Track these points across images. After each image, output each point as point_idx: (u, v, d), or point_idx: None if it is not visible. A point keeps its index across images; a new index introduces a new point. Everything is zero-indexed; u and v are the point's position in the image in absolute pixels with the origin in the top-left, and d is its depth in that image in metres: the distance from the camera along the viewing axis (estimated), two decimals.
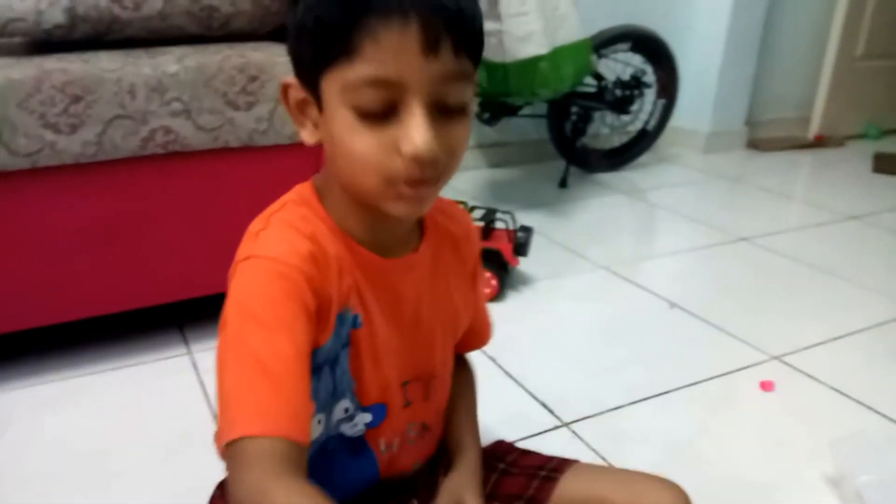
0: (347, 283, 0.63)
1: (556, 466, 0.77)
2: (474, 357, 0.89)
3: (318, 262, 0.60)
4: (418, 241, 0.70)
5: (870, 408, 1.23)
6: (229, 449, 0.53)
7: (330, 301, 0.62)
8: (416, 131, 0.55)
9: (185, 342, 1.35)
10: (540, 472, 0.77)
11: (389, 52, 0.53)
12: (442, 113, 0.57)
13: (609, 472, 0.88)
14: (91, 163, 1.14)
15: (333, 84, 0.56)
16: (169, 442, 1.07)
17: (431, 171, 0.57)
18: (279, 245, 0.60)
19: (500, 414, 1.09)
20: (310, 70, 0.58)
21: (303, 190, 0.67)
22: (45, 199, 1.14)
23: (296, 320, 0.57)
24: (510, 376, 1.30)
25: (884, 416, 1.21)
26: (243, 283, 0.59)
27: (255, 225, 0.64)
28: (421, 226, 0.71)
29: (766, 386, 1.28)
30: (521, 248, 1.62)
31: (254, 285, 0.58)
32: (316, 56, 0.57)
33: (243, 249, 0.62)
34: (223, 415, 0.55)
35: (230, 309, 0.59)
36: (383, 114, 0.55)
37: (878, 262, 1.91)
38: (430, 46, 0.54)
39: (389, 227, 0.66)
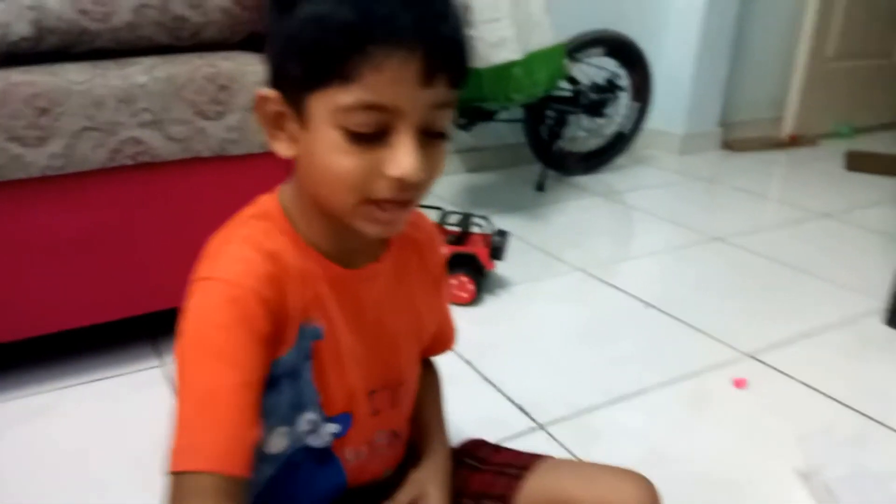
0: (310, 296, 0.64)
1: (524, 463, 0.78)
2: (450, 362, 0.90)
3: (277, 280, 0.61)
4: (381, 250, 0.71)
5: (842, 403, 1.25)
6: (172, 478, 0.55)
7: (290, 316, 0.62)
8: (405, 156, 0.56)
9: (158, 354, 1.34)
10: (509, 469, 0.78)
11: (388, 80, 0.54)
12: (425, 136, 0.58)
13: (577, 467, 0.88)
14: (59, 175, 1.14)
15: (324, 104, 0.56)
16: (142, 454, 1.06)
17: (412, 193, 0.59)
18: (235, 266, 0.60)
19: (477, 417, 1.10)
20: (296, 87, 0.58)
21: (267, 203, 0.67)
22: (13, 212, 1.13)
23: (244, 349, 0.58)
24: (487, 380, 1.31)
25: (855, 410, 1.23)
26: (196, 307, 0.60)
27: (214, 241, 0.64)
28: None
29: (739, 383, 1.30)
30: (497, 252, 1.63)
31: (205, 310, 0.59)
32: (307, 76, 0.57)
33: (200, 268, 0.62)
34: (171, 441, 0.57)
35: (183, 333, 0.59)
36: (372, 136, 0.56)
37: (850, 259, 1.94)
38: (429, 78, 0.55)
39: (355, 239, 0.66)
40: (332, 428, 0.69)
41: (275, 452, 0.68)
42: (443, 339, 0.85)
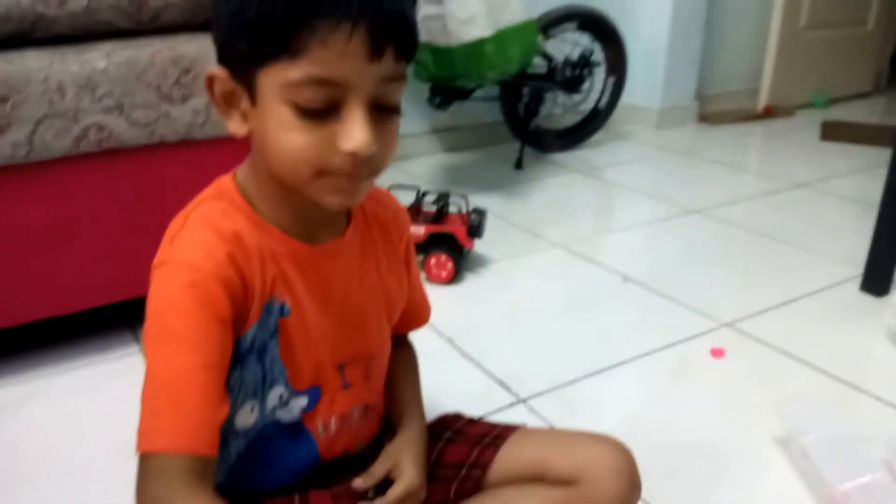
0: (272, 274, 0.64)
1: (499, 433, 0.79)
2: (431, 340, 0.90)
3: (237, 260, 0.61)
4: (344, 225, 0.71)
5: (818, 369, 1.26)
6: (139, 459, 0.57)
7: (252, 296, 0.62)
8: (356, 130, 0.56)
9: (138, 340, 1.33)
10: (484, 439, 0.78)
11: (335, 54, 0.54)
12: (378, 111, 0.59)
13: (551, 434, 0.89)
14: (24, 164, 1.11)
15: (272, 80, 0.56)
16: (122, 441, 1.05)
17: (367, 167, 0.59)
18: (194, 249, 0.60)
19: (458, 394, 1.10)
20: (244, 64, 0.58)
21: (223, 183, 0.67)
22: None
23: (205, 331, 0.59)
24: (467, 357, 1.30)
25: (832, 376, 1.24)
26: (157, 292, 0.60)
27: (173, 226, 0.64)
28: (348, 211, 0.71)
29: (716, 353, 1.30)
30: (475, 230, 1.62)
31: (167, 294, 0.60)
32: (254, 52, 0.57)
33: (160, 253, 0.62)
34: (138, 424, 0.58)
35: (147, 318, 0.60)
36: (323, 111, 0.56)
37: (826, 227, 1.95)
38: (376, 51, 0.55)
39: (316, 214, 0.66)
40: (301, 402, 0.69)
41: (245, 427, 0.68)
42: (416, 314, 0.85)
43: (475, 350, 1.32)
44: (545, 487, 0.73)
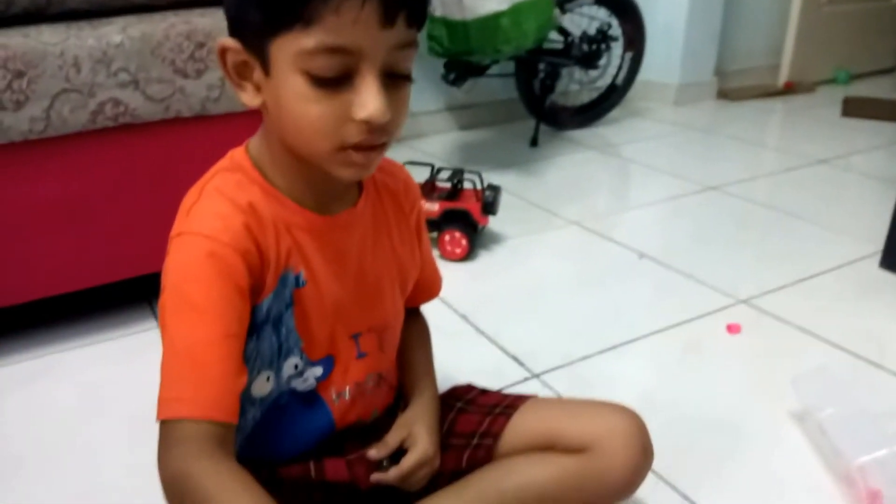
0: (287, 245, 0.64)
1: (511, 403, 0.79)
2: (445, 315, 0.90)
3: (253, 230, 0.61)
4: (357, 196, 0.71)
5: (836, 345, 1.25)
6: (161, 427, 0.57)
7: (268, 266, 0.63)
8: (370, 98, 0.56)
9: (154, 315, 1.35)
10: (495, 408, 0.79)
11: (348, 22, 0.54)
12: (390, 78, 0.59)
13: (562, 403, 0.89)
14: (41, 139, 1.12)
15: (285, 50, 0.56)
16: (140, 416, 1.06)
17: (382, 135, 0.59)
18: (212, 221, 0.61)
19: (471, 369, 1.10)
20: (257, 34, 0.58)
21: (236, 155, 0.67)
22: None
23: (224, 300, 0.59)
24: (481, 333, 1.30)
25: (849, 351, 1.23)
26: (175, 263, 0.60)
27: (189, 197, 0.65)
28: (359, 182, 0.72)
29: (732, 329, 1.29)
30: (489, 207, 1.61)
31: (185, 265, 0.60)
32: (266, 22, 0.56)
33: (177, 225, 0.62)
34: (159, 392, 0.58)
35: (164, 289, 0.60)
36: (336, 80, 0.56)
37: (845, 204, 1.93)
38: (388, 18, 0.55)
39: (329, 185, 0.66)
40: (316, 371, 0.70)
41: (260, 396, 0.69)
42: (428, 286, 0.85)
43: (489, 326, 1.32)
44: (557, 455, 0.73)
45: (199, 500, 0.53)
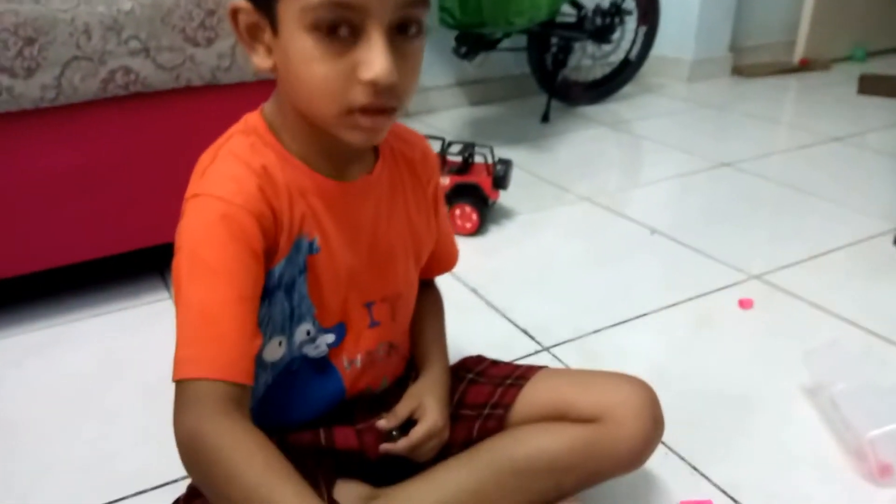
0: (300, 210, 0.64)
1: (522, 373, 0.79)
2: (456, 289, 0.89)
3: (267, 193, 0.61)
4: (373, 163, 0.70)
5: (848, 320, 1.24)
6: (176, 387, 0.56)
7: (282, 229, 0.62)
8: (376, 58, 0.55)
9: (167, 286, 1.35)
10: (506, 379, 0.78)
11: None
12: (400, 34, 0.57)
13: (573, 374, 0.89)
14: (52, 107, 1.12)
15: (291, 6, 0.55)
16: (152, 385, 1.08)
17: (389, 97, 0.58)
18: (226, 183, 0.60)
19: (482, 343, 1.09)
20: None
21: (251, 119, 0.66)
22: (8, 147, 1.12)
23: (239, 262, 0.58)
24: (492, 306, 1.30)
25: (861, 327, 1.22)
26: (190, 224, 0.60)
27: (203, 160, 0.64)
28: (376, 149, 0.71)
29: (744, 304, 1.29)
30: (500, 181, 1.61)
31: (200, 227, 0.59)
32: None
33: (191, 187, 0.62)
34: (174, 353, 0.58)
35: (178, 250, 0.60)
36: (342, 39, 0.55)
37: (859, 181, 1.90)
38: None
39: (342, 150, 0.65)
40: (328, 338, 0.69)
41: (272, 360, 0.69)
42: (443, 258, 0.85)
43: (500, 300, 1.32)
44: (568, 426, 0.73)
45: (213, 458, 0.53)
